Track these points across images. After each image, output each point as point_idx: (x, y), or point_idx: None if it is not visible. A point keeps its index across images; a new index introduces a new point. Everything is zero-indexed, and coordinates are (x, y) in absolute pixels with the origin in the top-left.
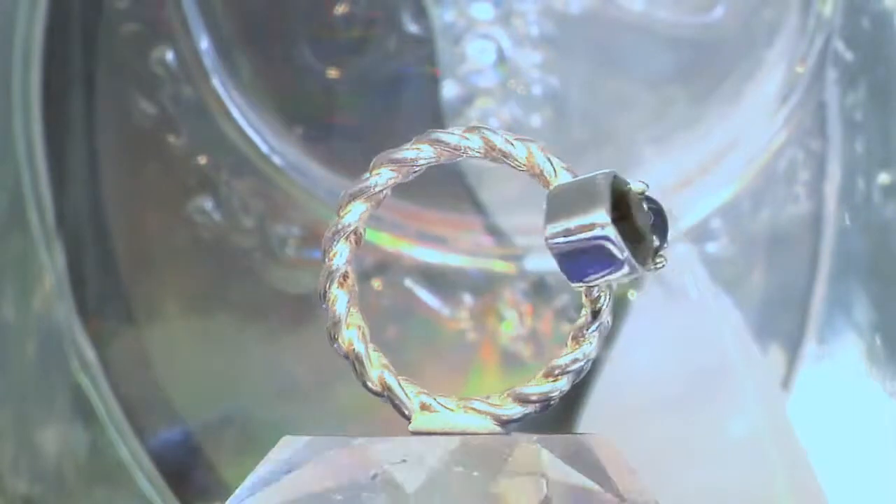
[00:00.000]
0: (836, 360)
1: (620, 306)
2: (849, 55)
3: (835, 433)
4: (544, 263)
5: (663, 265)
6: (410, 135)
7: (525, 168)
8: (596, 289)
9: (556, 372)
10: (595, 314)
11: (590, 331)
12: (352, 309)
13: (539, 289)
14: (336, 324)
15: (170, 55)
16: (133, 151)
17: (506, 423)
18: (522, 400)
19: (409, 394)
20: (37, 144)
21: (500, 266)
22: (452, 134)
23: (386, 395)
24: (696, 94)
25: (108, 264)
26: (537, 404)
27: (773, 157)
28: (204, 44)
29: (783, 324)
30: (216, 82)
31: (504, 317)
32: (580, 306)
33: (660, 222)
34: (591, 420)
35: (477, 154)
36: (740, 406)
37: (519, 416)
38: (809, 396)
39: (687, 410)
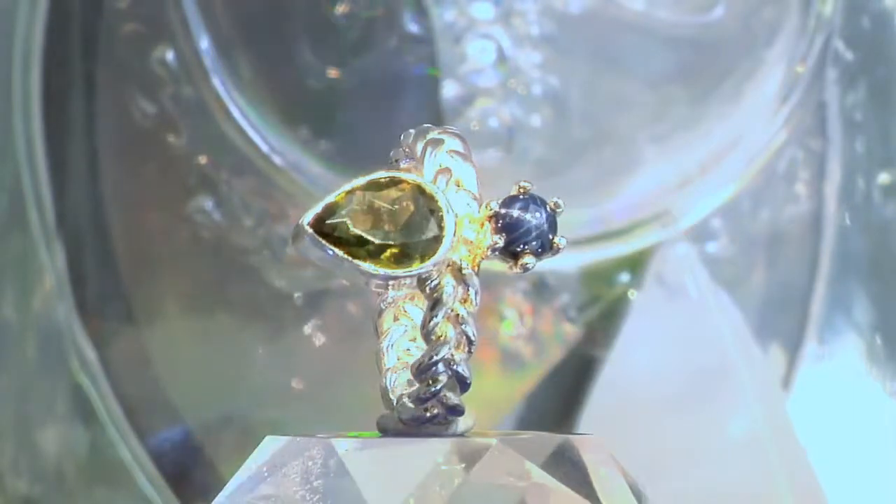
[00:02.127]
0: (836, 359)
1: (621, 306)
2: (849, 55)
3: (835, 433)
4: (544, 263)
5: (527, 269)
6: None
7: None
8: (431, 281)
9: (414, 372)
10: (433, 305)
11: (431, 324)
12: (405, 307)
13: (539, 288)
14: (375, 314)
15: (170, 55)
16: (133, 151)
17: (412, 424)
18: (412, 401)
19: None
20: (37, 144)
21: (500, 266)
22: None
23: None
24: (697, 94)
25: (109, 264)
26: (424, 405)
27: (773, 156)
28: (204, 43)
29: (783, 323)
30: (216, 82)
31: (504, 316)
32: (581, 306)
33: (513, 230)
34: (591, 420)
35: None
36: (740, 406)
37: (413, 417)
38: (809, 396)
39: (687, 410)
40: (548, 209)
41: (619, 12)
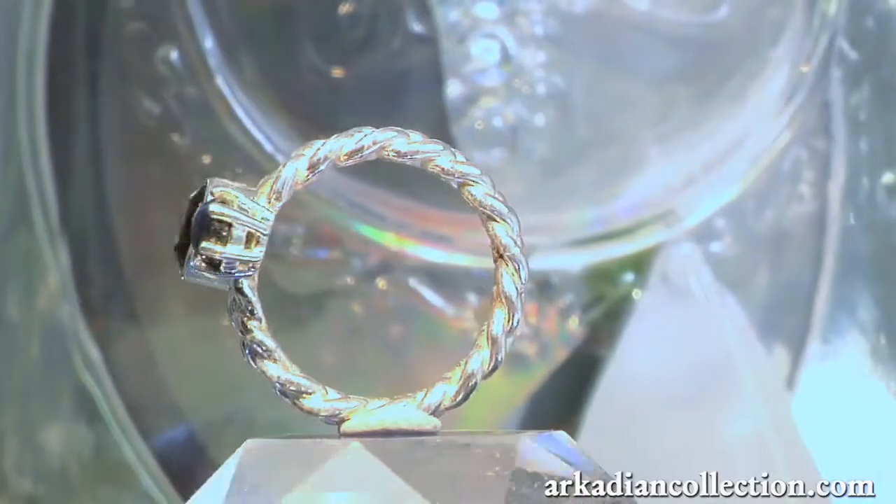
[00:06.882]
0: (841, 359)
1: (625, 306)
2: (853, 54)
3: (839, 433)
4: (548, 263)
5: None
6: None
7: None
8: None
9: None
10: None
11: (250, 313)
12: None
13: (543, 288)
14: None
15: (174, 54)
16: (137, 151)
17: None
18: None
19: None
20: (41, 144)
21: None
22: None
23: None
24: (701, 94)
25: (113, 263)
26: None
27: (777, 156)
28: (208, 43)
29: (787, 323)
30: (220, 81)
31: None
32: (585, 305)
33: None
34: (595, 419)
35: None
36: (744, 405)
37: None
38: (813, 396)
39: (691, 409)
40: (199, 210)
41: (623, 12)
